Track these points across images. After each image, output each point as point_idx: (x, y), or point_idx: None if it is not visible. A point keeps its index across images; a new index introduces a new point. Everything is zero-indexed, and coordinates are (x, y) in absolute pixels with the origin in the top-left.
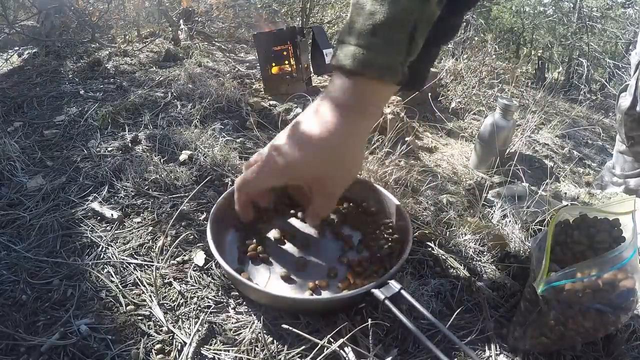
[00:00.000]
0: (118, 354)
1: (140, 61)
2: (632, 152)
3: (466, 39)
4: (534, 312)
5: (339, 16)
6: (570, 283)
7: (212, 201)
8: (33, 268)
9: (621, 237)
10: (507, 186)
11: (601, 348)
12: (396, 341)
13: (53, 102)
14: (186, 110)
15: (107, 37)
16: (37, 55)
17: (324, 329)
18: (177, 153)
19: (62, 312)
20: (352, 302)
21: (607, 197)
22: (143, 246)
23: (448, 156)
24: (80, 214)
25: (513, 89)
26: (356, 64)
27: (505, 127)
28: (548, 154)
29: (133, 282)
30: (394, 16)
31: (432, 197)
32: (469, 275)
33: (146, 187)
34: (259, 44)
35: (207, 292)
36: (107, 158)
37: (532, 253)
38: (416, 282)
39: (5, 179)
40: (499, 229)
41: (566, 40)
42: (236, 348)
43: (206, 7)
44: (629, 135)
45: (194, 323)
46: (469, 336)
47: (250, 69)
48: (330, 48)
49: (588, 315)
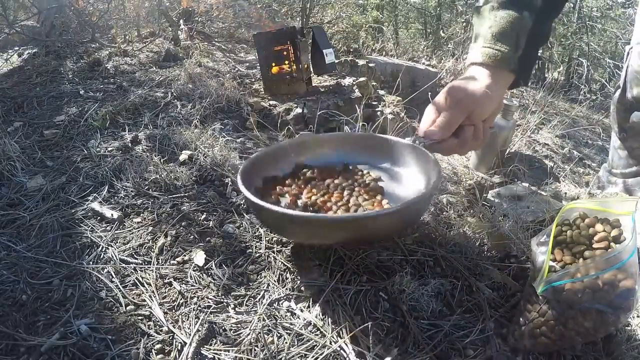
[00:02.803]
0: (118, 354)
1: (140, 61)
2: (626, 146)
3: (466, 38)
4: (534, 312)
5: (339, 16)
6: (570, 283)
7: (212, 201)
8: (33, 268)
9: (621, 237)
10: (507, 186)
11: (601, 348)
12: (396, 341)
13: (53, 102)
14: (186, 110)
15: (107, 37)
16: (37, 55)
17: (324, 327)
18: (177, 153)
19: (62, 312)
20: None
21: (606, 197)
22: (143, 246)
23: (448, 156)
24: (80, 214)
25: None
26: (487, 59)
27: (505, 127)
28: (548, 154)
29: (133, 282)
30: (504, 27)
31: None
32: (469, 275)
33: (146, 187)
34: (259, 44)
35: (207, 292)
36: (107, 158)
37: (532, 253)
38: (416, 282)
39: (5, 179)
40: (499, 229)
41: (566, 40)
42: (236, 348)
43: (206, 7)
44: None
45: (194, 323)
46: (469, 336)
47: (250, 69)
48: (330, 48)
49: (588, 315)
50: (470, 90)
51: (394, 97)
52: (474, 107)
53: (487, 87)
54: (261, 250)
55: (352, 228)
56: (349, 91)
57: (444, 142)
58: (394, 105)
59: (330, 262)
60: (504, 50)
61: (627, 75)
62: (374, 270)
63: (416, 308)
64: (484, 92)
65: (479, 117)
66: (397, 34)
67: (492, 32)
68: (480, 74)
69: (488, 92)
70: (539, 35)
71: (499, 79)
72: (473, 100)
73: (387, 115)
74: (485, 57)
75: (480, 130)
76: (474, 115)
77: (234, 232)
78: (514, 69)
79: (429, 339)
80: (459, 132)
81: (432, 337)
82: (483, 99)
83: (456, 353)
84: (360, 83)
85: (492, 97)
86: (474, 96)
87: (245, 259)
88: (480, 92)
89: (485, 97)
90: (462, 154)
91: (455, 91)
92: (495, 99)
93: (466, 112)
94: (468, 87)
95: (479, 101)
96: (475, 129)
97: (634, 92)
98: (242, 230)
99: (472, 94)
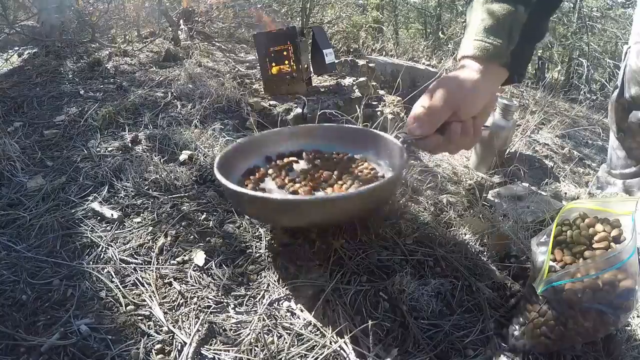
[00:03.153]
0: (118, 354)
1: (140, 61)
2: (624, 146)
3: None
4: (534, 312)
5: (339, 16)
6: (570, 283)
7: (212, 201)
8: (33, 268)
9: (621, 237)
10: (507, 186)
11: (601, 348)
12: (396, 341)
13: (53, 102)
14: (186, 110)
15: (107, 37)
16: (37, 55)
17: (324, 327)
18: (177, 153)
19: (62, 312)
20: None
21: (606, 197)
22: (143, 246)
23: (448, 156)
24: (80, 214)
25: (513, 89)
26: (478, 52)
27: (505, 127)
28: (548, 154)
29: (133, 282)
30: (497, 20)
31: (432, 197)
32: (469, 275)
33: (146, 187)
34: (259, 44)
35: (207, 292)
36: (107, 158)
37: (532, 253)
38: (416, 282)
39: (5, 179)
40: (499, 229)
41: (566, 40)
42: (236, 348)
43: (206, 7)
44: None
45: (194, 323)
46: (469, 336)
47: (250, 69)
48: (330, 48)
49: (588, 315)
50: (457, 85)
51: (394, 97)
52: (460, 103)
53: (476, 82)
54: (261, 250)
55: (306, 211)
56: (349, 91)
57: (428, 139)
58: (394, 105)
59: (330, 262)
60: (496, 44)
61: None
62: (374, 270)
63: (416, 308)
64: (471, 87)
65: (467, 114)
66: (397, 34)
67: (485, 25)
68: (470, 67)
69: (477, 87)
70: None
71: (490, 73)
72: (460, 95)
73: (387, 115)
74: (476, 50)
75: (470, 127)
76: (462, 112)
77: (234, 232)
78: (506, 64)
79: (429, 339)
80: (444, 128)
81: (432, 337)
82: (470, 94)
83: (456, 353)
84: (360, 83)
85: (481, 92)
86: (461, 91)
87: (245, 259)
88: (467, 87)
89: (473, 92)
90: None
91: (441, 86)
92: (484, 95)
93: (452, 108)
94: (455, 82)
95: (466, 97)
96: (463, 125)
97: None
98: (242, 230)
99: (458, 89)
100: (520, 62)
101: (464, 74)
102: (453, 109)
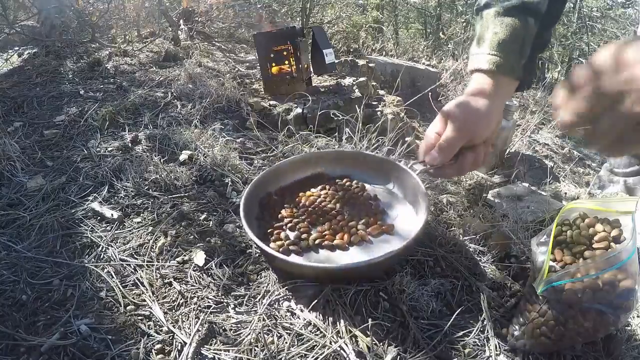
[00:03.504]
0: (118, 354)
1: (140, 61)
2: None
3: (466, 39)
4: (534, 312)
5: (339, 16)
6: (570, 283)
7: (212, 201)
8: (33, 268)
9: (621, 237)
10: (507, 186)
11: (601, 348)
12: (396, 341)
13: (53, 102)
14: (186, 110)
15: (107, 37)
16: (37, 55)
17: (324, 327)
18: (177, 153)
19: (62, 312)
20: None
21: (607, 197)
22: (143, 246)
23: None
24: (80, 214)
25: None
26: (494, 67)
27: (505, 127)
28: (548, 154)
29: (133, 282)
30: (510, 35)
31: (432, 197)
32: (469, 275)
33: (146, 187)
34: (259, 44)
35: (207, 292)
36: (107, 158)
37: (532, 253)
38: (416, 282)
39: (5, 179)
40: (499, 229)
41: (566, 40)
42: (236, 348)
43: (206, 7)
44: None
45: (194, 323)
46: (469, 336)
47: (250, 69)
48: (330, 48)
49: (588, 315)
50: (471, 113)
51: (394, 97)
52: (475, 129)
53: (490, 106)
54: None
55: (325, 275)
56: (349, 91)
57: (443, 167)
58: (394, 105)
59: None
60: (510, 59)
61: None
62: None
63: (416, 308)
64: (485, 113)
65: (480, 138)
66: (397, 34)
67: (499, 39)
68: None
69: (491, 111)
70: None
71: (502, 88)
72: (475, 121)
73: (387, 116)
74: (491, 65)
75: (481, 152)
76: (476, 137)
77: (234, 232)
78: (518, 77)
79: (429, 339)
80: (457, 155)
81: (432, 337)
82: (485, 119)
83: (456, 353)
84: (360, 83)
85: (494, 115)
86: (476, 118)
87: (245, 259)
88: (482, 113)
89: (488, 117)
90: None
91: (455, 113)
92: (497, 116)
93: (468, 136)
94: (469, 108)
95: (480, 122)
96: (475, 152)
97: None
98: (242, 230)
99: (473, 116)
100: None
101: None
102: (469, 136)
